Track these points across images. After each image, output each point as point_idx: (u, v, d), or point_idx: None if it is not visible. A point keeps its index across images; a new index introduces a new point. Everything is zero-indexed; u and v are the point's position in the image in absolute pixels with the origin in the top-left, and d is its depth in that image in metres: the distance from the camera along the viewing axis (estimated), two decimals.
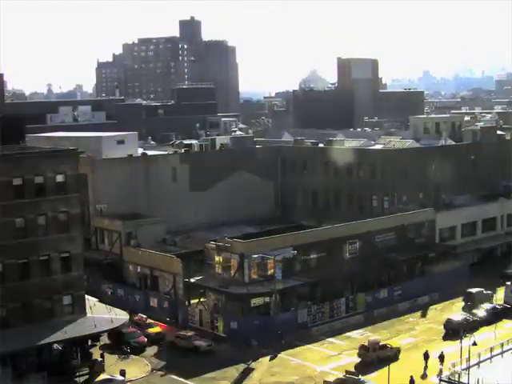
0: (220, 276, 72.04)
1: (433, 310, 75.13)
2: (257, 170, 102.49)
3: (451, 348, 61.14)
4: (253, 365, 61.18)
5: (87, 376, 58.16)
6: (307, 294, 72.31)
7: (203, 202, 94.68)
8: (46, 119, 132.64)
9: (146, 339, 65.23)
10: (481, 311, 70.43)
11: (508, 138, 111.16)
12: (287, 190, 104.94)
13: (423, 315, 73.62)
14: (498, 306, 72.12)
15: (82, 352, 60.23)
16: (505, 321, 70.06)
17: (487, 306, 71.92)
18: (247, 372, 59.88)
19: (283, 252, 70.62)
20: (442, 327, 67.85)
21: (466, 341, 54.51)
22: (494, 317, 69.54)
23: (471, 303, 73.36)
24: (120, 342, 64.23)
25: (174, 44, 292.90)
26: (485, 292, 75.67)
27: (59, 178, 60.08)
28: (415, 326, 70.34)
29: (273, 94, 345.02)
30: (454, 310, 73.73)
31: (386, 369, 53.64)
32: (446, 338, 66.09)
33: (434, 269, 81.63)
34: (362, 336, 67.41)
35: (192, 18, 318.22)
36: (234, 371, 59.97)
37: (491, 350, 59.62)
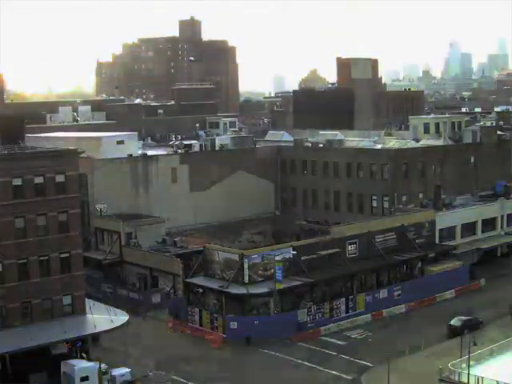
0: (220, 276, 71.96)
1: None
2: (257, 170, 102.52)
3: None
4: (253, 364, 61.33)
5: None
6: (307, 294, 72.19)
7: (203, 202, 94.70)
8: (45, 119, 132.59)
9: None
10: None
11: (508, 138, 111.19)
12: (287, 190, 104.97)
13: None
14: None
15: (82, 352, 60.25)
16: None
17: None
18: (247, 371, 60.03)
19: (283, 252, 70.77)
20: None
21: (466, 340, 54.52)
22: None
23: None
24: None
25: (174, 44, 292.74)
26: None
27: (59, 178, 60.04)
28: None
29: (273, 94, 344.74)
30: None
31: None
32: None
33: (433, 269, 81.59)
34: (362, 336, 67.52)
35: (192, 18, 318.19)
36: (233, 371, 60.07)
37: (491, 349, 59.57)
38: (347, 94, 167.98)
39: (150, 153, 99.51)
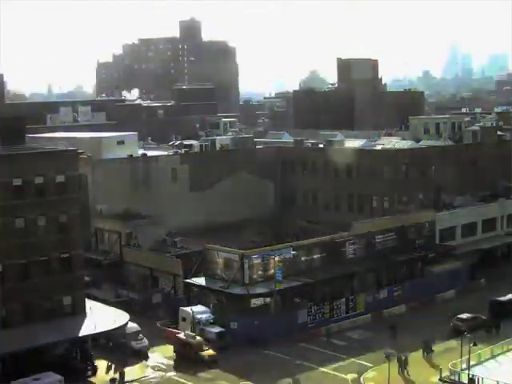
0: (220, 276, 71.95)
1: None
2: (257, 170, 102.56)
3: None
4: (253, 364, 61.30)
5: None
6: (307, 294, 72.14)
7: (203, 202, 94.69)
8: (45, 119, 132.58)
9: None
10: None
11: (508, 138, 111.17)
12: (287, 190, 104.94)
13: None
14: None
15: (82, 353, 60.32)
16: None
17: None
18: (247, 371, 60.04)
19: (283, 252, 70.74)
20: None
21: (467, 340, 54.54)
22: None
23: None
24: None
25: (174, 44, 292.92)
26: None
27: (59, 179, 60.07)
28: None
29: (273, 95, 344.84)
30: None
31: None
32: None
33: (433, 269, 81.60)
34: (362, 337, 67.51)
35: (192, 18, 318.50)
36: (233, 371, 60.06)
37: (491, 350, 59.62)
38: (347, 94, 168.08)
39: (150, 153, 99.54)
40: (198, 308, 67.68)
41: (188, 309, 67.37)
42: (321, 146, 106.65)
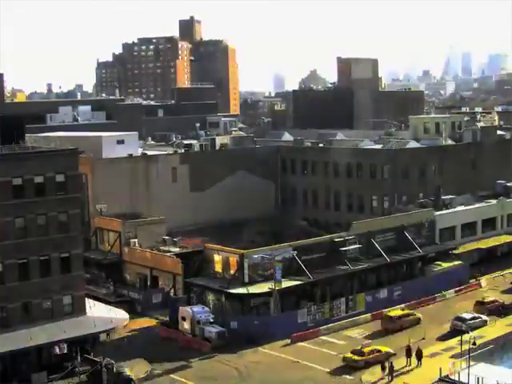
0: (220, 276, 71.94)
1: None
2: (257, 170, 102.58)
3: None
4: (253, 364, 61.31)
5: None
6: (307, 294, 72.13)
7: (203, 202, 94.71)
8: (45, 119, 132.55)
9: None
10: None
11: (508, 137, 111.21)
12: (287, 190, 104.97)
13: None
14: None
15: (82, 352, 60.27)
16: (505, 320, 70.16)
17: None
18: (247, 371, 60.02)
19: (283, 252, 70.76)
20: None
21: (466, 340, 54.49)
22: None
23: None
24: None
25: (174, 44, 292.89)
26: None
27: (59, 178, 60.03)
28: None
29: (273, 94, 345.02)
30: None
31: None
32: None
33: (433, 269, 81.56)
34: (362, 336, 67.49)
35: (192, 17, 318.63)
36: (234, 371, 60.09)
37: (491, 349, 59.56)
38: (347, 93, 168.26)
39: (150, 153, 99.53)
40: (198, 308, 67.67)
41: (188, 308, 67.36)
42: (321, 145, 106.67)
